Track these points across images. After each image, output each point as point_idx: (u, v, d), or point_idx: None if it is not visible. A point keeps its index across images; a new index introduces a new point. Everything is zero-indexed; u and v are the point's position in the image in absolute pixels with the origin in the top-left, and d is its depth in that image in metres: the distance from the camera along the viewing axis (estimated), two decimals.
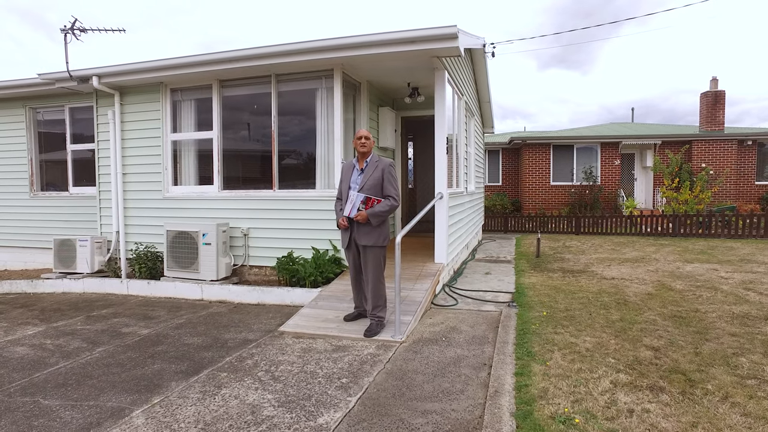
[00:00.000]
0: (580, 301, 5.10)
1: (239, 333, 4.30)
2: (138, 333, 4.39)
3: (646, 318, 4.38)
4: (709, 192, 12.93)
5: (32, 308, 5.52)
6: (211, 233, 5.94)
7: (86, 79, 6.44)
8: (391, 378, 3.22)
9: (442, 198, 5.73)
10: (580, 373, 3.08)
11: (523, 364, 3.30)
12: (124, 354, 3.79)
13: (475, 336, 4.08)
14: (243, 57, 5.65)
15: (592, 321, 4.30)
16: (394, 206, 4.00)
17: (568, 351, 3.51)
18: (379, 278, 4.07)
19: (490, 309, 4.98)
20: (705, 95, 16.72)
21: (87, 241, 6.68)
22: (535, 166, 16.59)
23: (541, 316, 4.54)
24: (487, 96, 10.57)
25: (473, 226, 9.70)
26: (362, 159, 4.12)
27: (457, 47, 5.00)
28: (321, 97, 6.01)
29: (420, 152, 10.37)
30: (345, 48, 5.28)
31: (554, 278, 6.54)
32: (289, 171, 6.31)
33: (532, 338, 3.85)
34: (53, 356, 3.76)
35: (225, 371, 3.38)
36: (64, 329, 4.56)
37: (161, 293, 5.99)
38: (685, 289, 5.61)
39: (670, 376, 2.99)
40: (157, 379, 3.26)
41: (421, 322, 4.50)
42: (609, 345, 3.62)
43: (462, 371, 3.32)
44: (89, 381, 3.22)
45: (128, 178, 6.87)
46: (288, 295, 5.39)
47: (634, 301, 5.06)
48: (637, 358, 3.33)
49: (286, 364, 3.49)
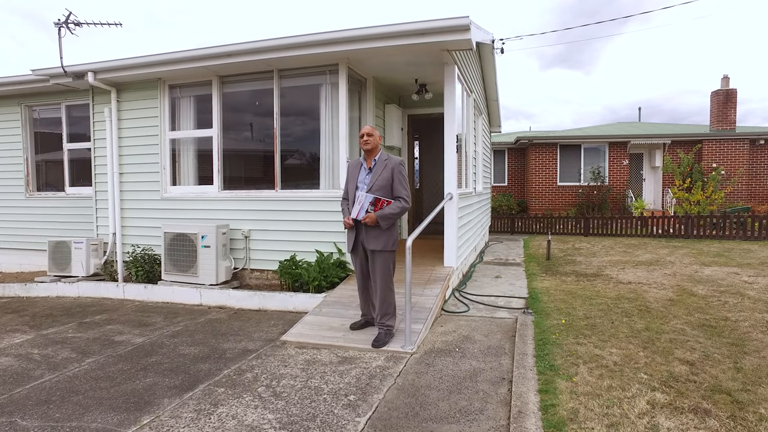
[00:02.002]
0: (600, 308, 4.82)
1: (239, 342, 4.05)
2: (131, 342, 4.14)
3: (673, 327, 4.10)
4: (722, 192, 12.61)
5: (23, 314, 5.28)
6: (210, 235, 5.69)
7: (81, 75, 6.20)
8: (402, 395, 2.95)
9: (451, 198, 5.46)
10: (612, 391, 2.80)
11: (546, 379, 3.03)
12: (115, 366, 3.53)
13: (491, 346, 3.82)
14: (243, 51, 5.40)
15: (615, 330, 4.03)
16: (405, 208, 3.73)
17: (594, 365, 3.24)
18: (388, 284, 3.80)
19: (503, 316, 4.71)
20: (716, 93, 16.39)
21: (82, 243, 6.44)
22: (541, 166, 16.30)
23: (559, 324, 4.27)
24: (494, 94, 10.29)
25: (481, 227, 9.42)
26: (370, 157, 3.86)
27: (469, 39, 4.73)
28: (325, 93, 5.76)
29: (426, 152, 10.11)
30: (350, 41, 5.02)
31: (568, 282, 6.26)
32: (291, 170, 6.06)
33: (553, 349, 3.58)
34: (39, 368, 3.50)
35: (222, 386, 3.12)
36: (54, 337, 4.31)
37: (158, 298, 5.74)
38: (708, 295, 5.32)
39: (714, 397, 2.71)
40: (149, 395, 3.00)
41: (432, 331, 4.23)
42: (638, 358, 3.35)
43: (479, 387, 3.05)
44: (74, 397, 2.97)
45: (125, 177, 6.62)
46: (291, 300, 5.13)
47: (656, 308, 4.77)
48: (672, 373, 3.05)
49: (289, 378, 3.23)
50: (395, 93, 7.76)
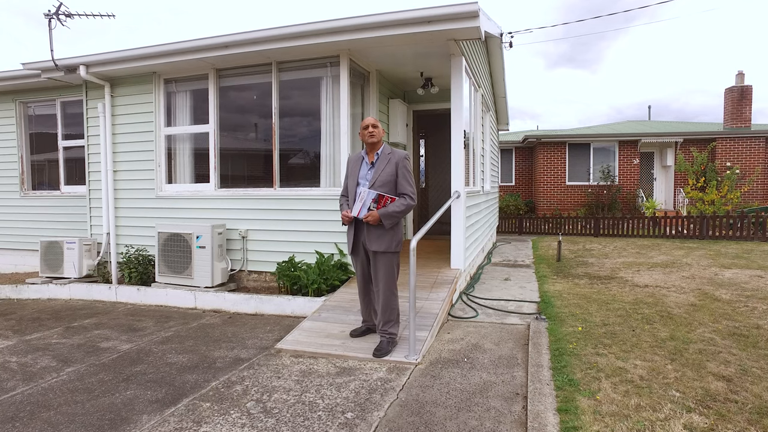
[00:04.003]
0: (618, 314, 4.51)
1: (231, 350, 3.77)
2: (117, 348, 3.88)
3: (701, 336, 3.78)
4: (738, 192, 12.21)
5: (10, 317, 5.04)
6: (205, 235, 5.43)
7: (73, 69, 5.96)
8: (405, 412, 2.66)
9: (459, 197, 5.17)
10: (641, 412, 2.50)
11: (565, 396, 2.72)
12: (96, 376, 3.27)
13: (502, 356, 3.52)
14: (240, 42, 5.14)
15: (637, 339, 3.71)
16: (411, 206, 3.44)
17: (618, 379, 2.93)
18: (391, 289, 3.51)
19: (515, 322, 4.41)
20: (730, 90, 15.94)
21: (75, 244, 6.20)
22: (549, 166, 15.94)
23: (576, 331, 3.96)
24: (502, 91, 9.97)
25: (489, 228, 9.11)
26: (372, 151, 3.57)
27: (478, 27, 4.44)
28: (326, 86, 5.48)
29: (432, 150, 9.80)
30: (352, 30, 4.74)
31: (581, 285, 5.95)
32: (291, 168, 5.78)
33: (571, 361, 3.28)
34: (13, 378, 3.25)
35: (208, 400, 2.84)
36: (36, 343, 4.06)
37: (151, 301, 5.49)
38: (733, 300, 4.99)
39: (763, 421, 2.39)
40: (127, 410, 2.73)
41: (438, 338, 3.94)
42: (667, 372, 3.03)
43: (491, 403, 2.76)
44: (45, 413, 2.70)
45: (119, 175, 6.38)
46: (288, 304, 4.85)
47: (679, 314, 4.45)
48: (708, 391, 2.73)
49: (282, 391, 2.95)
50: (399, 87, 7.47)
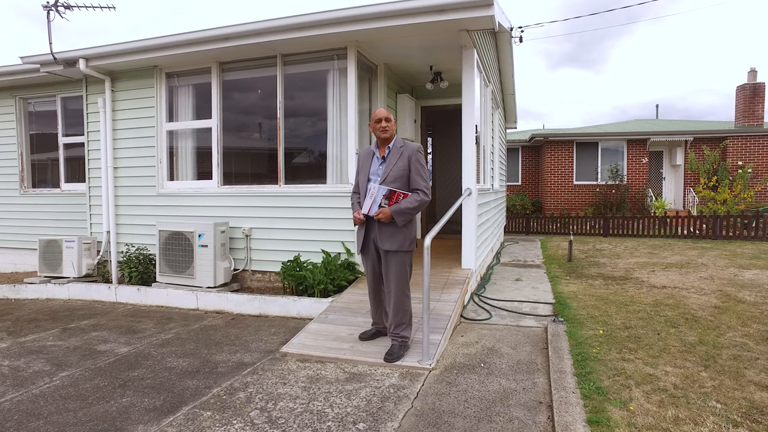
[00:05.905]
0: (639, 316, 4.30)
1: (234, 354, 3.59)
2: (115, 351, 3.70)
3: (732, 340, 3.57)
4: (751, 191, 11.94)
5: (6, 318, 4.87)
6: (207, 234, 5.25)
7: (73, 63, 5.79)
8: (422, 423, 2.47)
9: (470, 194, 4.97)
10: (681, 425, 2.29)
11: (595, 406, 2.52)
12: (91, 381, 3.09)
13: (520, 361, 3.32)
14: (244, 33, 4.95)
15: (664, 344, 3.50)
16: (425, 201, 3.25)
17: (650, 387, 2.73)
18: (403, 290, 3.32)
19: (530, 324, 4.21)
20: (742, 88, 15.67)
21: (74, 242, 6.03)
22: (557, 165, 15.70)
23: (597, 335, 3.75)
24: (511, 88, 9.76)
25: (497, 227, 8.90)
26: (383, 145, 3.38)
27: (491, 17, 4.24)
28: (333, 79, 5.29)
29: (439, 147, 9.59)
30: (361, 20, 4.55)
31: (596, 286, 5.73)
32: (296, 164, 5.60)
33: (596, 366, 3.07)
34: (3, 384, 3.06)
35: (209, 409, 2.66)
36: (31, 346, 3.88)
37: (152, 301, 5.31)
38: (759, 302, 4.77)
39: None
40: (122, 419, 2.54)
41: (452, 341, 3.74)
42: (702, 380, 2.82)
43: (513, 413, 2.56)
44: (33, 423, 2.52)
45: (120, 172, 6.21)
46: (294, 305, 4.66)
47: (703, 317, 4.24)
48: (753, 402, 2.52)
49: (288, 399, 2.76)
50: (408, 82, 7.28)
